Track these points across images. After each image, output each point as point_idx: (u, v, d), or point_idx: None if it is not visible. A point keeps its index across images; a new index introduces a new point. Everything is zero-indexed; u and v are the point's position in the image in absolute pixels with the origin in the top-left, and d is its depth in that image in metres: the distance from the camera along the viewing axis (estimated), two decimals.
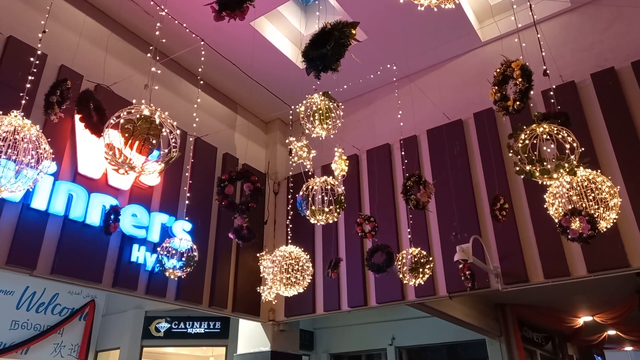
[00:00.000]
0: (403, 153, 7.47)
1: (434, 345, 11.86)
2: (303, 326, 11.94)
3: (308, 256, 6.17)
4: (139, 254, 6.70)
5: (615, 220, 4.32)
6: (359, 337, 12.52)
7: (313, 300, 8.20)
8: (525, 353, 11.54)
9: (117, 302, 11.09)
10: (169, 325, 10.67)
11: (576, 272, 5.99)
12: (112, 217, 5.72)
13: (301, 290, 6.12)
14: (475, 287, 6.17)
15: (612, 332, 13.58)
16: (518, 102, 4.09)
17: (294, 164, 6.06)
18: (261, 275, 7.67)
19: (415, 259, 6.06)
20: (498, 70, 4.35)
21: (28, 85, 4.16)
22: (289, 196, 8.56)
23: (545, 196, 4.33)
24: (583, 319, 12.49)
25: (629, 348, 15.13)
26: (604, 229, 4.26)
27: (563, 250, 6.09)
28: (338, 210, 5.27)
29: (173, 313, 10.55)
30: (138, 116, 3.29)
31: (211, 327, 10.84)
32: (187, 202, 6.80)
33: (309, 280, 6.15)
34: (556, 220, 4.15)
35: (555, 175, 3.60)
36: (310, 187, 5.25)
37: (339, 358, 13.25)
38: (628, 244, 5.71)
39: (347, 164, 6.18)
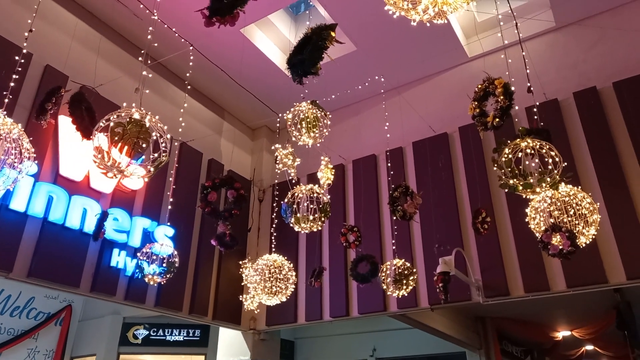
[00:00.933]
0: (389, 164, 7.51)
1: (414, 357, 11.85)
2: (284, 335, 11.84)
3: (291, 265, 6.14)
4: (119, 258, 6.60)
5: (594, 236, 4.39)
6: (340, 348, 12.45)
7: (295, 309, 8.15)
8: None
9: (95, 308, 10.88)
10: (147, 332, 10.49)
11: (556, 287, 6.07)
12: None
13: (284, 300, 6.09)
14: (448, 300, 6.20)
15: (590, 347, 13.74)
16: (497, 119, 4.16)
17: (280, 172, 6.05)
18: (243, 284, 7.60)
19: (399, 271, 6.08)
20: (480, 86, 4.43)
21: (12, 84, 4.10)
22: (274, 204, 8.54)
23: (527, 210, 4.39)
24: (562, 334, 12.62)
25: None
26: (584, 245, 4.33)
27: (543, 264, 6.17)
28: (323, 219, 5.27)
29: (152, 320, 10.37)
30: (128, 120, 3.25)
31: (190, 334, 10.69)
32: (170, 207, 6.73)
33: (292, 290, 6.12)
34: (537, 235, 4.20)
35: (537, 190, 3.66)
36: (295, 194, 5.24)
37: None
38: (606, 260, 5.81)
39: (333, 173, 6.19)
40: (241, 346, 8.52)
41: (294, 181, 6.03)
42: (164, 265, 5.67)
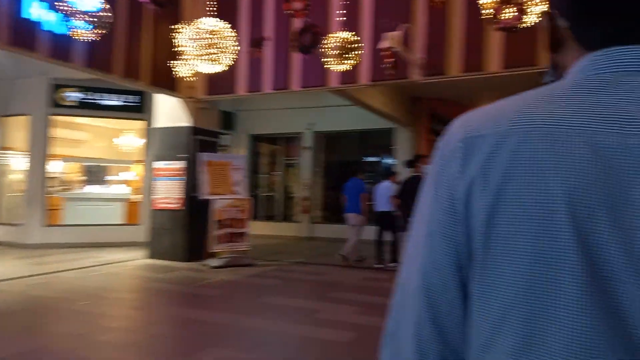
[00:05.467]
0: None
1: (348, 131, 12.65)
2: (225, 107, 12.01)
3: (232, 32, 5.78)
4: (36, 10, 5.86)
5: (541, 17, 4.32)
6: (279, 121, 12.96)
7: (235, 79, 8.03)
8: (431, 143, 12.72)
9: (23, 67, 10.15)
10: (81, 96, 10.19)
11: (491, 68, 6.22)
12: None
13: (223, 69, 5.91)
14: (397, 77, 6.28)
15: None
16: None
17: None
18: (178, 50, 7.19)
19: (344, 44, 5.91)
20: None
21: None
22: None
23: None
24: None
25: None
26: (532, 24, 4.29)
27: (484, 45, 6.18)
28: None
29: (87, 83, 9.97)
30: None
31: (130, 100, 10.54)
32: None
33: (232, 59, 5.89)
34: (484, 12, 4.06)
35: None
36: None
37: (259, 139, 13.86)
38: (542, 43, 5.87)
39: None
40: (181, 113, 8.57)
41: None
42: (91, 19, 5.15)
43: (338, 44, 5.85)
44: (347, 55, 5.86)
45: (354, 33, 5.92)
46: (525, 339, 0.50)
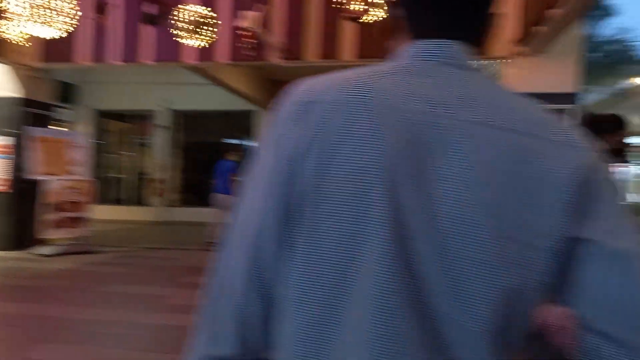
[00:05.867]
0: None
1: (208, 112, 12.25)
2: (65, 78, 10.79)
3: None
4: None
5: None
6: (130, 96, 11.99)
7: (76, 47, 7.18)
8: None
9: None
10: None
11: (346, 57, 6.48)
12: None
13: (61, 34, 5.20)
14: (255, 58, 6.18)
15: None
16: None
17: None
18: (1, 7, 6.17)
19: (196, 18, 5.60)
20: None
21: None
22: None
23: None
24: None
25: None
26: (380, 18, 4.53)
27: (339, 34, 6.41)
28: None
29: None
30: None
31: None
32: None
33: (71, 24, 5.21)
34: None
35: None
36: None
37: (106, 115, 12.68)
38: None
39: None
40: (7, 82, 7.42)
41: None
42: None
43: (190, 17, 5.51)
44: (200, 31, 5.55)
45: (209, 8, 5.64)
46: (341, 289, 0.56)
